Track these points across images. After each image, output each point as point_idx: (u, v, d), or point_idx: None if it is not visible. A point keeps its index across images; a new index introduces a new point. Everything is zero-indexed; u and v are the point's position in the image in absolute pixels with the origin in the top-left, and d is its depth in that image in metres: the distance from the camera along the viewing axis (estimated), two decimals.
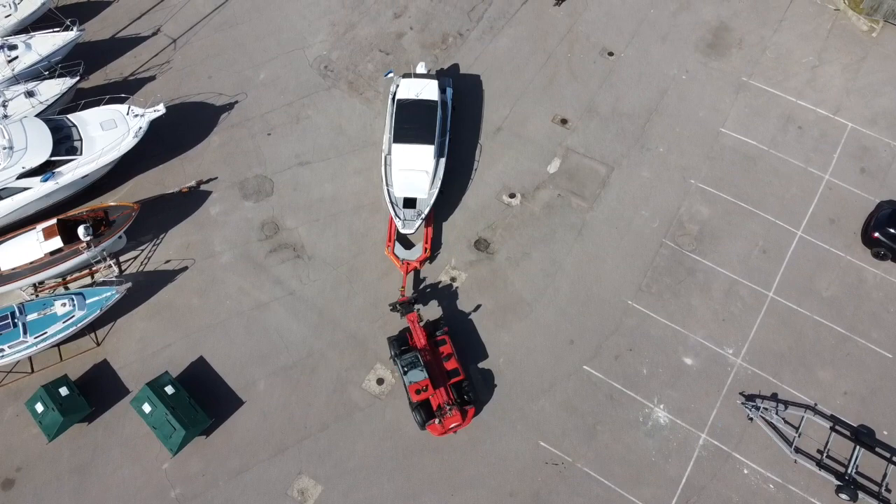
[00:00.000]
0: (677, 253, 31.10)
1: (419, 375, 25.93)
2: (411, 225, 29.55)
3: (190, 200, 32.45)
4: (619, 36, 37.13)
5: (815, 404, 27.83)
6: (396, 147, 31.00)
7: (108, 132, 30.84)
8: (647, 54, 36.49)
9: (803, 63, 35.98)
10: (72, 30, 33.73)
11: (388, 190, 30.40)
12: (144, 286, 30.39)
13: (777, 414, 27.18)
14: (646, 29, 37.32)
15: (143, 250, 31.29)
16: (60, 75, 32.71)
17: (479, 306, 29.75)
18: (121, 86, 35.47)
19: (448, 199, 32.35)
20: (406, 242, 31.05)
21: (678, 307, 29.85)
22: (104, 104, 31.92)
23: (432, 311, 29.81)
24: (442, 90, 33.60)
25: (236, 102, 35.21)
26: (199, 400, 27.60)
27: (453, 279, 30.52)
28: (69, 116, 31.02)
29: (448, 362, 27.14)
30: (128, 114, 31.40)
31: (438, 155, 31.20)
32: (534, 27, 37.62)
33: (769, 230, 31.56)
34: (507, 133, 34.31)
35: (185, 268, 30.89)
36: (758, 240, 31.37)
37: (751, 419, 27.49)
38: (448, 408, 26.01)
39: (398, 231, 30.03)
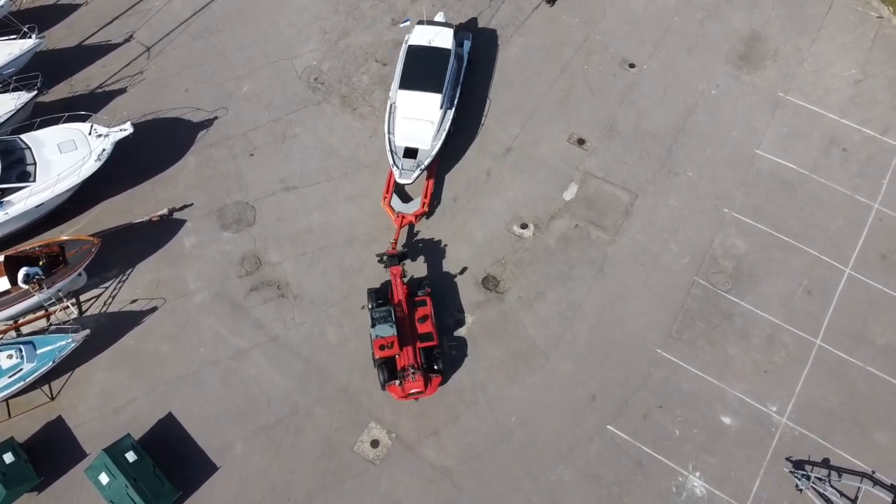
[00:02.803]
0: (711, 293, 27.53)
1: (387, 331, 24.56)
2: (409, 175, 27.73)
3: (161, 231, 28.78)
4: (640, 46, 33.54)
5: (873, 472, 24.30)
6: (402, 93, 29.27)
7: (67, 155, 27.22)
8: (673, 67, 32.90)
9: (845, 77, 32.42)
10: (30, 37, 30.09)
11: (388, 138, 28.61)
12: (107, 330, 26.75)
13: (830, 484, 23.70)
14: (670, 38, 33.74)
15: (106, 288, 27.65)
16: (16, 89, 29.03)
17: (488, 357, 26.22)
18: (87, 99, 31.79)
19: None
20: (405, 196, 29.08)
21: (714, 357, 26.28)
22: (63, 122, 28.22)
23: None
24: (459, 43, 31.91)
25: (216, 119, 31.54)
26: (166, 467, 23.90)
27: (459, 322, 26.92)
28: (23, 137, 27.45)
29: (423, 325, 25.41)
30: (90, 134, 27.78)
31: (447, 106, 29.39)
32: (546, 36, 34.01)
33: (814, 267, 28.01)
34: (517, 154, 30.71)
35: (154, 309, 27.25)
36: (801, 278, 27.81)
37: (800, 490, 23.96)
38: (412, 371, 24.19)
39: (396, 182, 28.15)
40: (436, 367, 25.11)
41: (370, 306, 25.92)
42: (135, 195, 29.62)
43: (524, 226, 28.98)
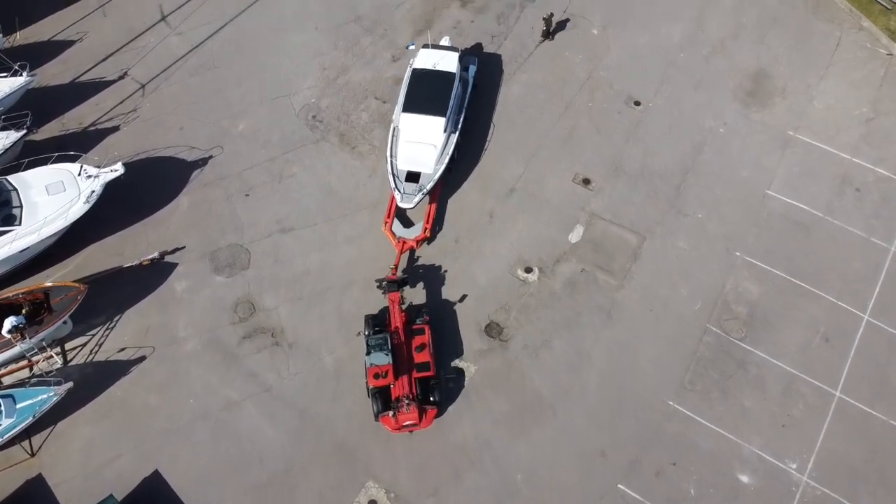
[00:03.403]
0: (724, 341, 26.38)
1: (382, 359, 23.82)
2: (410, 199, 27.25)
3: (151, 275, 27.71)
4: (645, 83, 32.81)
5: None
6: (405, 116, 28.96)
7: (55, 197, 26.26)
8: (679, 104, 32.13)
9: (856, 115, 31.63)
10: (21, 75, 29.30)
11: (391, 161, 28.16)
12: (93, 380, 25.52)
13: None
14: (676, 75, 33.02)
15: (93, 335, 26.46)
16: (4, 128, 28.15)
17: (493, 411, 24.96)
18: (78, 138, 30.91)
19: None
20: (406, 221, 28.61)
21: (728, 409, 25.04)
22: (52, 163, 27.31)
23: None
24: (464, 67, 31.53)
25: (210, 158, 30.66)
26: None
27: (460, 371, 25.70)
28: (9, 178, 26.53)
29: (420, 354, 24.51)
30: (79, 174, 26.86)
31: (450, 130, 28.98)
32: (549, 72, 33.29)
33: (831, 313, 26.89)
34: (521, 195, 29.75)
35: (143, 358, 26.05)
36: (818, 325, 26.67)
37: None
38: (406, 402, 23.32)
39: (398, 207, 27.76)
40: (432, 399, 24.20)
41: (367, 333, 25.15)
42: (125, 237, 28.59)
43: (529, 270, 27.92)
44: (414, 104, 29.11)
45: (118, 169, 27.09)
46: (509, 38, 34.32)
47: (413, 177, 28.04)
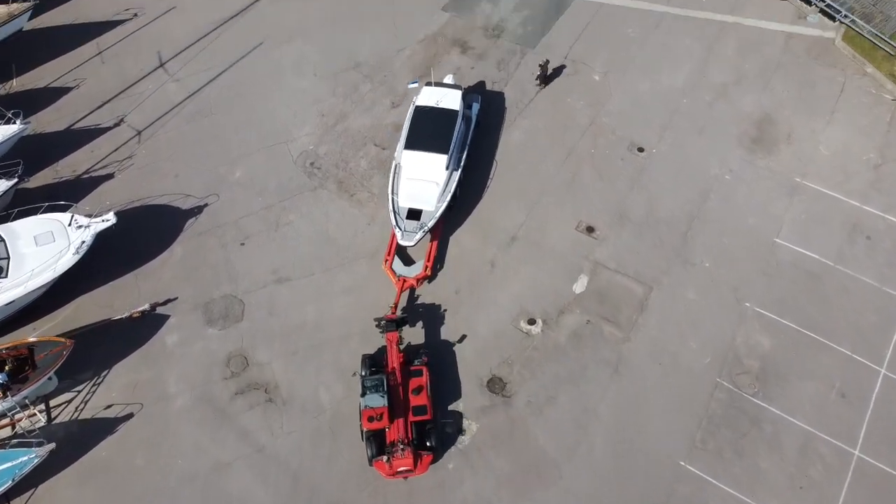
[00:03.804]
0: (737, 397, 25.32)
1: (377, 401, 23.15)
2: (411, 237, 26.88)
3: (142, 327, 26.80)
4: (648, 129, 32.37)
5: None
6: (407, 153, 28.72)
7: (44, 248, 25.55)
8: (683, 150, 31.63)
9: (864, 161, 31.10)
10: (14, 123, 28.86)
11: (392, 198, 27.82)
12: (77, 439, 24.41)
13: None
14: (679, 121, 32.60)
15: (79, 392, 25.43)
16: None
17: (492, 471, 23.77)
18: (72, 185, 30.33)
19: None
20: (407, 259, 28.05)
21: (743, 470, 23.85)
22: (42, 212, 26.64)
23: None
24: (468, 105, 31.48)
25: (206, 205, 30.03)
26: None
27: (462, 431, 24.59)
28: None
29: (417, 396, 23.75)
30: (70, 224, 26.19)
31: (453, 167, 28.68)
32: (551, 118, 32.89)
33: (846, 367, 25.89)
34: (523, 243, 29.01)
35: (130, 415, 24.98)
36: (833, 380, 25.66)
37: None
38: (401, 447, 22.52)
39: (399, 245, 27.39)
40: (428, 444, 23.38)
41: (363, 373, 24.51)
42: (116, 288, 27.75)
43: (532, 321, 27.01)
44: (416, 141, 28.90)
45: (110, 219, 26.42)
46: (510, 85, 34.02)
47: (414, 214, 27.68)
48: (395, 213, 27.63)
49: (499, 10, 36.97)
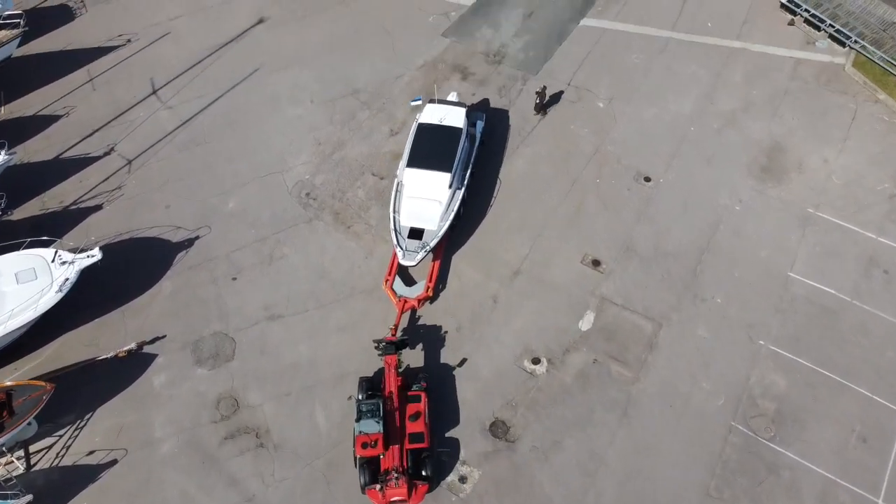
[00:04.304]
0: (752, 441, 24.06)
1: (372, 427, 22.28)
2: (412, 257, 26.22)
3: (128, 367, 25.62)
4: (655, 158, 31.39)
5: None
6: (409, 171, 28.16)
7: (25, 286, 24.48)
8: (691, 180, 30.63)
9: (879, 191, 30.08)
10: None
11: (393, 217, 27.26)
12: (58, 487, 23.13)
13: None
14: (687, 149, 31.63)
15: (60, 436, 24.19)
16: None
17: None
18: (58, 217, 29.32)
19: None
20: (408, 279, 27.38)
21: None
22: (25, 248, 25.56)
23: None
24: (472, 123, 30.88)
25: (197, 238, 28.98)
26: None
27: (463, 479, 23.31)
28: None
29: (415, 423, 22.92)
30: (53, 260, 25.10)
31: (456, 186, 28.16)
32: (554, 147, 31.93)
33: (866, 409, 24.65)
34: (526, 278, 27.90)
35: (114, 462, 23.71)
36: (853, 423, 24.41)
37: None
38: (395, 476, 21.66)
39: (400, 265, 26.75)
40: (423, 473, 22.43)
41: (359, 397, 23.81)
42: (102, 325, 26.61)
43: (536, 360, 25.81)
44: (419, 159, 28.29)
45: (95, 254, 25.36)
46: (511, 112, 33.11)
47: (416, 233, 26.97)
48: (396, 231, 26.93)
49: (500, 36, 36.18)
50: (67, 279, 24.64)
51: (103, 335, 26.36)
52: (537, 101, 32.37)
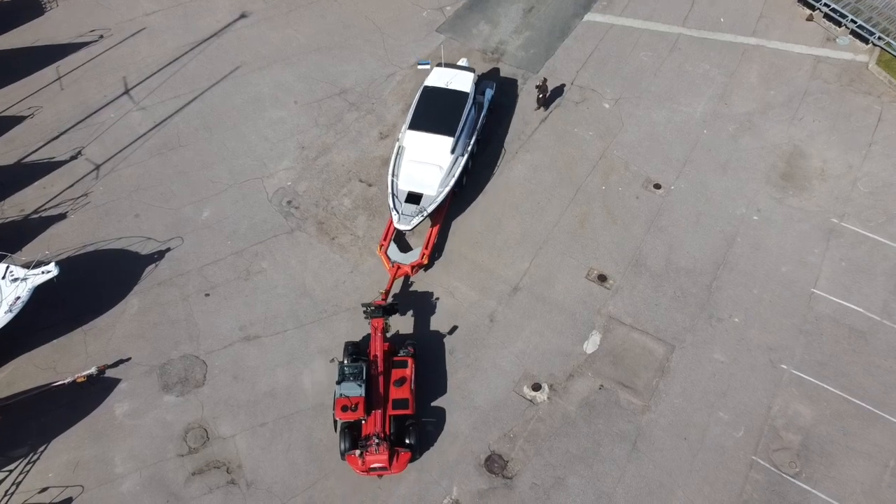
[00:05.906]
0: (776, 478, 21.72)
1: (353, 390, 21.17)
2: (407, 221, 25.29)
3: (88, 394, 23.27)
4: (666, 164, 29.07)
5: None
6: (411, 134, 27.25)
7: None
8: (705, 188, 28.31)
9: None
10: None
11: (391, 180, 26.39)
12: None
13: None
14: (700, 155, 29.32)
15: (10, 471, 21.83)
16: None
17: None
18: (17, 227, 27.02)
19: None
20: (404, 245, 26.55)
21: None
22: None
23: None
24: (481, 91, 30.09)
25: (168, 250, 26.66)
26: None
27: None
28: None
29: (399, 389, 21.85)
30: (4, 277, 22.75)
31: (459, 152, 27.19)
32: (557, 151, 29.62)
33: None
34: (527, 295, 25.57)
35: (69, 500, 21.36)
36: (887, 457, 22.08)
37: None
38: (376, 441, 20.67)
39: (396, 230, 25.86)
40: (407, 442, 21.49)
41: (343, 361, 22.79)
42: (61, 347, 24.28)
43: (537, 387, 23.48)
44: (422, 122, 27.31)
45: (51, 270, 23.01)
46: (512, 113, 30.78)
47: (414, 198, 26.04)
48: (393, 195, 26.01)
49: (498, 32, 33.88)
50: (19, 298, 22.32)
51: (61, 358, 24.01)
52: (539, 95, 30.09)
